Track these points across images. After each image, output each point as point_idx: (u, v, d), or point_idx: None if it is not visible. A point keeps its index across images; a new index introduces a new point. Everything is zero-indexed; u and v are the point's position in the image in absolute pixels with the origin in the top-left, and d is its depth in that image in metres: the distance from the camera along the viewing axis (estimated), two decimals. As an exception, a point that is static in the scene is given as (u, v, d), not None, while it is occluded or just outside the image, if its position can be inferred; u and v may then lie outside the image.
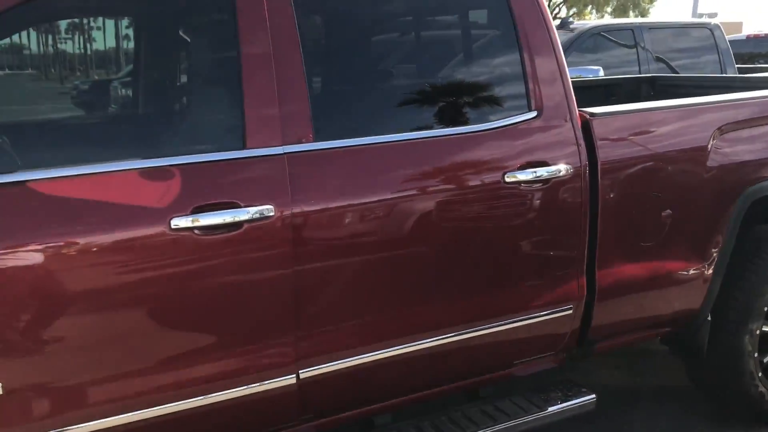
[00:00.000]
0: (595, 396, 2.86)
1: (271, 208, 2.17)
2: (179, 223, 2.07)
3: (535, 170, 2.57)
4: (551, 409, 2.76)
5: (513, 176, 2.54)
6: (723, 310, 3.11)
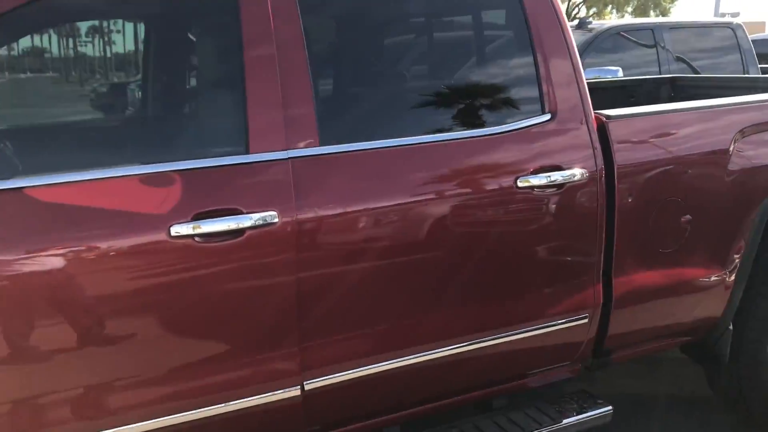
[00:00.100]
0: (611, 408, 2.78)
1: (275, 215, 2.11)
2: (179, 230, 2.01)
3: (549, 175, 2.49)
4: (566, 421, 2.69)
5: (526, 181, 2.46)
6: (746, 318, 3.01)
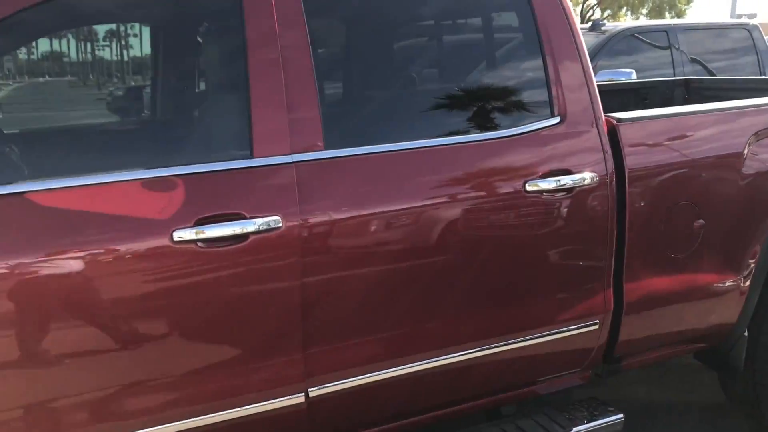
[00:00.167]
0: (622, 415, 2.72)
1: (279, 219, 2.09)
2: (182, 235, 1.99)
3: (558, 179, 2.45)
4: (576, 429, 2.63)
5: (535, 185, 2.42)
6: (761, 324, 2.95)
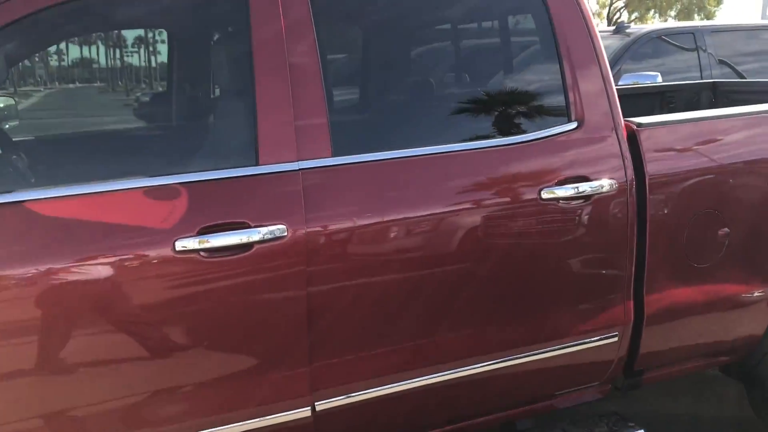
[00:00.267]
0: (644, 431, 2.63)
1: (284, 228, 2.03)
2: (184, 244, 1.95)
3: (575, 186, 2.37)
4: (594, 445, 2.56)
5: (551, 192, 2.34)
6: (790, 338, 2.84)
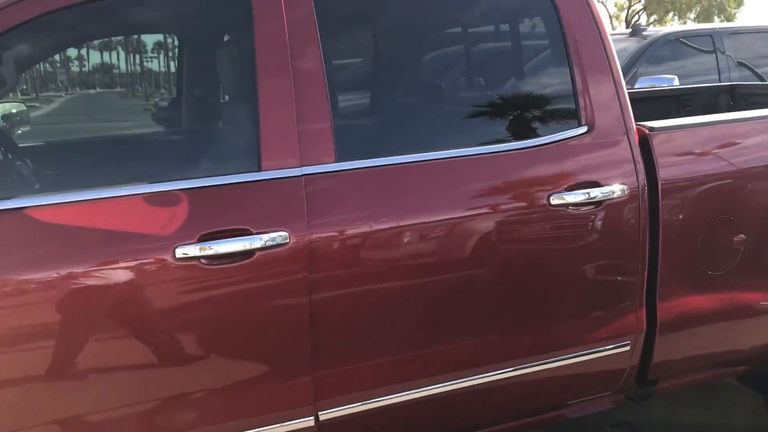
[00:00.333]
0: (656, 442, 2.58)
1: (286, 235, 2.00)
2: (185, 251, 1.92)
3: (585, 191, 2.31)
4: (606, 456, 2.50)
5: (560, 198, 2.29)
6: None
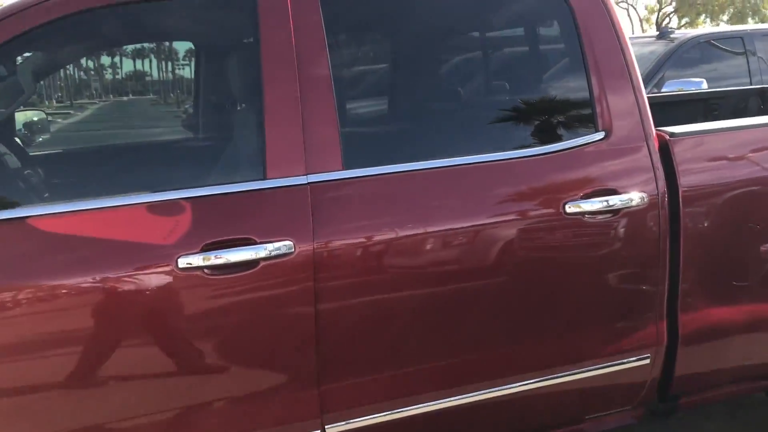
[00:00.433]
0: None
1: (291, 245, 1.96)
2: (188, 261, 1.89)
3: (603, 199, 2.24)
4: (626, 474, 2.42)
5: (576, 206, 2.22)
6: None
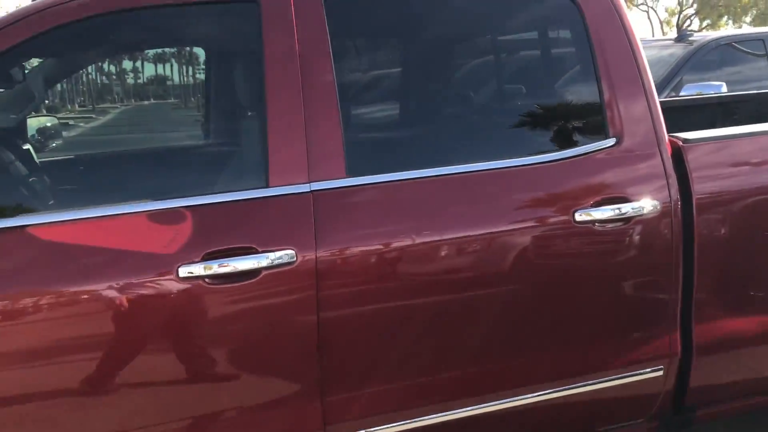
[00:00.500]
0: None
1: (293, 254, 1.93)
2: (189, 270, 1.87)
3: (614, 207, 2.19)
4: (639, 489, 2.35)
5: (586, 214, 2.17)
6: None
